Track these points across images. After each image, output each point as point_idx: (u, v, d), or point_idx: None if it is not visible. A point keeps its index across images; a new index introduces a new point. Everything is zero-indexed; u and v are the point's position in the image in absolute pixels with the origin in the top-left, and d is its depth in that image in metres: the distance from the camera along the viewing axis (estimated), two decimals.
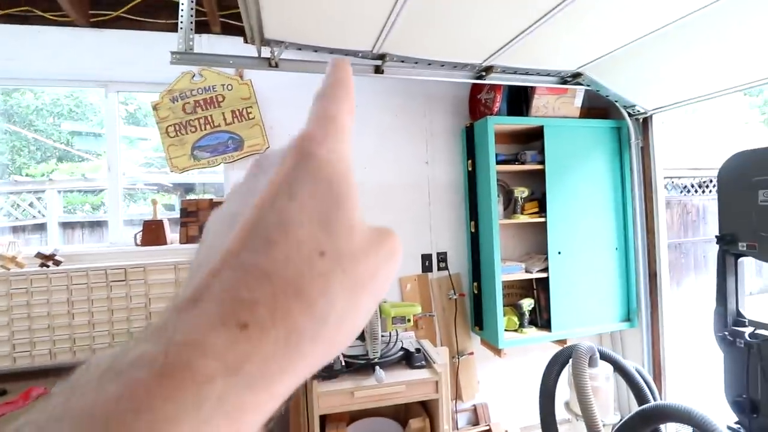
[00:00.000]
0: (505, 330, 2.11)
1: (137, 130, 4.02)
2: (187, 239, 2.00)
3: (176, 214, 2.06)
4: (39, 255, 1.76)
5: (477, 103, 2.29)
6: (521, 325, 2.16)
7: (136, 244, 1.97)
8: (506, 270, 2.12)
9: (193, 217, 2.03)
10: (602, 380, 1.55)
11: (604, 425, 1.38)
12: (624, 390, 2.32)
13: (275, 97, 2.10)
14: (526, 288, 2.35)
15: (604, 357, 1.55)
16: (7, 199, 3.22)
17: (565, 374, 1.59)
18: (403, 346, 1.77)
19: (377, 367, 1.58)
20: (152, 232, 1.95)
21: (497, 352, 2.10)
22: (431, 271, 2.32)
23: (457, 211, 2.38)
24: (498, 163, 2.12)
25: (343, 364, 1.59)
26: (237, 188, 0.17)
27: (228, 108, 2.01)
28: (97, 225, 3.40)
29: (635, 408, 1.29)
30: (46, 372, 1.64)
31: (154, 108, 1.95)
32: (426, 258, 2.31)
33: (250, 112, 2.03)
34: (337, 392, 1.51)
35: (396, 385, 1.55)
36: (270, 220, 0.14)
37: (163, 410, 0.11)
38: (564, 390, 1.63)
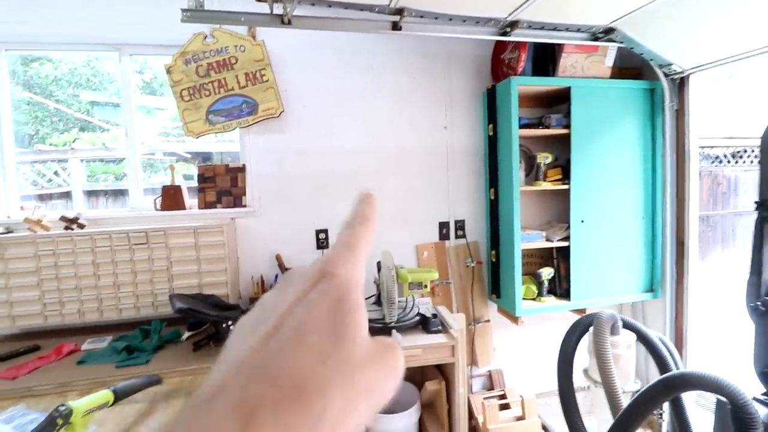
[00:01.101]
0: (523, 299, 2.08)
1: (154, 100, 4.01)
2: (205, 204, 2.01)
3: (195, 183, 2.07)
4: (63, 218, 1.80)
5: (500, 63, 2.17)
6: (540, 294, 2.13)
7: (156, 209, 2.00)
8: (526, 238, 2.07)
9: (211, 182, 2.03)
10: (623, 348, 1.52)
11: (624, 392, 1.36)
12: (643, 360, 2.30)
13: (289, 58, 2.04)
14: (545, 257, 2.30)
15: (627, 326, 1.51)
16: (32, 168, 3.30)
17: (585, 342, 1.56)
18: (420, 311, 1.77)
19: (394, 331, 1.58)
20: (171, 197, 1.97)
21: (514, 320, 2.09)
22: (448, 239, 2.29)
23: (476, 178, 2.32)
24: (521, 127, 2.02)
25: None
26: (267, 297, 0.21)
27: (241, 70, 1.96)
28: (120, 193, 3.46)
29: (655, 377, 1.26)
30: (76, 330, 1.72)
31: (168, 71, 1.92)
32: (443, 226, 2.27)
33: (264, 75, 1.98)
34: None
35: (412, 349, 1.56)
36: (287, 328, 0.17)
37: None
38: (583, 357, 1.61)
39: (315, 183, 2.12)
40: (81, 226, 1.80)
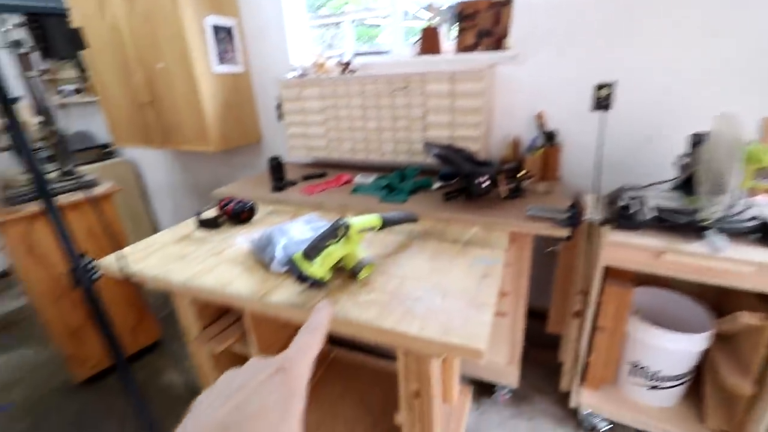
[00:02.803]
0: None
1: None
2: (462, 48, 1.78)
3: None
4: (338, 63, 1.95)
5: None
6: None
7: (414, 55, 1.91)
8: None
9: (470, 20, 1.74)
10: None
11: None
12: None
13: None
14: None
15: None
16: (319, 29, 3.82)
17: None
18: (758, 215, 1.14)
19: (713, 232, 1.08)
20: (429, 40, 1.81)
21: None
22: None
23: None
24: None
25: (654, 215, 1.16)
26: (231, 375, 0.26)
27: None
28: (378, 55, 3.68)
29: None
30: (348, 165, 1.98)
31: None
32: None
33: None
34: (635, 246, 1.15)
35: (741, 264, 1.05)
36: (252, 404, 0.23)
37: None
38: None
39: (603, 16, 1.51)
40: (352, 72, 1.91)
